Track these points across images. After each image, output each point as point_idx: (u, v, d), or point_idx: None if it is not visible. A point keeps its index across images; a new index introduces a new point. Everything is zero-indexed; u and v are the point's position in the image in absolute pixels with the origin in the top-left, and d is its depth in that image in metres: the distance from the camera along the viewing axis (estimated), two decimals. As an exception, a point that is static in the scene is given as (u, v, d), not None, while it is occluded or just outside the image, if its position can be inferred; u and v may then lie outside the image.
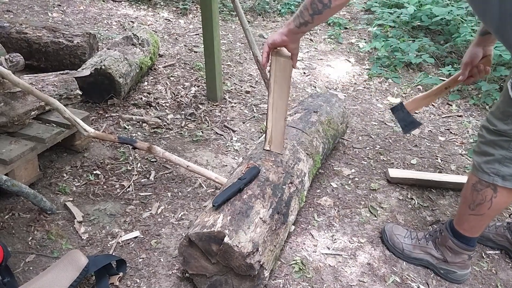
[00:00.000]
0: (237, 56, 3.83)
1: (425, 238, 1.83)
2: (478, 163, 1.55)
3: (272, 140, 1.90)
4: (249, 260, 1.46)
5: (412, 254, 1.83)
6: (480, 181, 1.55)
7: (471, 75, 1.84)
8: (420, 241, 1.83)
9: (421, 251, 1.82)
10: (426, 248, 1.81)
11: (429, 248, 1.80)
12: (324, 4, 1.39)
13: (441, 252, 1.77)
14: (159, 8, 4.79)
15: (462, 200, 1.66)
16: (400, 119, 2.12)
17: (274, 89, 1.75)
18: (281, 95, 1.75)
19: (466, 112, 3.12)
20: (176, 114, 2.84)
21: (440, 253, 1.77)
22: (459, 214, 1.69)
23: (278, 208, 1.70)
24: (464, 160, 2.58)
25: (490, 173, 1.52)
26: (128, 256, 1.77)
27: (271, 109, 1.80)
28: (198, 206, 2.07)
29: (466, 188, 1.63)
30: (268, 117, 1.83)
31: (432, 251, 1.79)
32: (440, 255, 1.77)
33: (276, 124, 1.84)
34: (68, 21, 4.13)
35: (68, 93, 2.37)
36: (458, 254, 1.72)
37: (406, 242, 1.85)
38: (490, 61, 1.80)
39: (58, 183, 2.13)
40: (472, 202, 1.60)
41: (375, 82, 3.51)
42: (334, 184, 2.28)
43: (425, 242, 1.82)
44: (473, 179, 1.59)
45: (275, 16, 4.95)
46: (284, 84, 1.72)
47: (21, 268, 1.68)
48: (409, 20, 4.25)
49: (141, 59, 3.06)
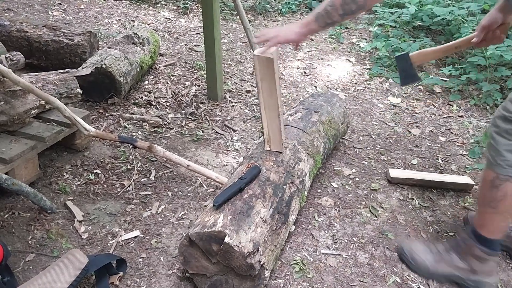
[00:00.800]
0: (238, 55, 3.82)
1: (447, 250, 1.73)
2: (492, 156, 1.49)
3: (271, 139, 1.89)
4: (249, 260, 1.46)
5: (438, 271, 1.72)
6: (498, 176, 1.49)
7: (484, 39, 1.77)
8: (443, 254, 1.73)
9: (446, 265, 1.71)
10: (451, 261, 1.70)
11: (454, 261, 1.70)
12: (359, 5, 1.36)
13: (467, 262, 1.67)
14: (160, 7, 4.79)
15: (481, 200, 1.59)
16: (401, 69, 2.04)
17: (262, 88, 1.73)
18: (271, 93, 1.74)
19: (467, 112, 3.12)
20: (177, 113, 2.83)
21: (466, 264, 1.67)
22: (481, 216, 1.61)
23: (278, 208, 1.69)
24: (464, 160, 2.58)
25: (505, 165, 1.46)
26: (128, 255, 1.77)
27: (263, 108, 1.79)
28: (198, 206, 2.07)
29: (483, 187, 1.57)
30: (262, 117, 1.82)
31: (458, 262, 1.69)
32: (467, 266, 1.67)
33: (271, 123, 1.83)
34: (69, 20, 4.13)
35: (68, 92, 2.36)
36: (485, 261, 1.64)
37: (429, 258, 1.74)
38: (507, 29, 1.74)
39: (58, 182, 2.13)
40: (492, 200, 1.53)
41: (376, 82, 3.50)
42: (335, 184, 2.28)
43: (448, 255, 1.72)
44: (489, 175, 1.52)
45: (276, 15, 4.94)
46: (271, 82, 1.70)
47: (21, 267, 1.68)
48: (410, 20, 4.24)
49: (142, 58, 3.06)
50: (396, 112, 3.08)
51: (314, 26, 1.49)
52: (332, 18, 1.43)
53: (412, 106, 3.17)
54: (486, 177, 1.55)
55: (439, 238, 1.98)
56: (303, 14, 4.98)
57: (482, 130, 2.87)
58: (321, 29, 1.53)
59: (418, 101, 3.24)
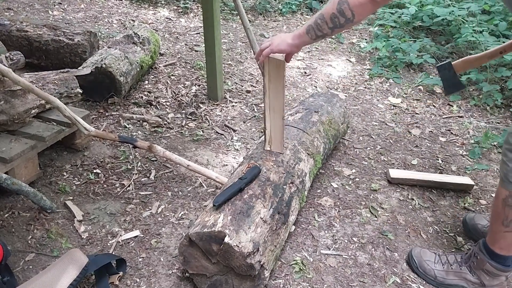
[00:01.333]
0: (238, 55, 3.82)
1: (458, 262, 1.73)
2: (505, 174, 1.47)
3: (272, 140, 1.90)
4: (249, 260, 1.46)
5: (446, 281, 1.72)
6: (511, 194, 1.47)
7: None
8: (453, 266, 1.73)
9: (456, 276, 1.71)
10: (461, 273, 1.70)
11: (464, 273, 1.70)
12: (347, 18, 1.35)
13: (477, 276, 1.67)
14: (160, 6, 4.78)
15: (494, 217, 1.58)
16: (444, 78, 1.99)
17: (269, 89, 1.74)
18: (277, 95, 1.75)
19: (467, 113, 3.12)
20: (177, 113, 2.83)
21: (476, 277, 1.67)
22: (493, 233, 1.61)
23: (278, 208, 1.69)
24: (464, 161, 2.58)
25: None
26: (128, 255, 1.77)
27: (268, 109, 1.80)
28: (198, 206, 2.07)
29: (496, 205, 1.55)
30: (266, 117, 1.83)
31: (468, 275, 1.69)
32: (477, 279, 1.67)
33: (274, 124, 1.84)
34: (69, 19, 4.12)
35: (68, 92, 2.36)
36: (496, 276, 1.64)
37: (438, 268, 1.74)
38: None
39: (58, 181, 2.13)
40: (505, 218, 1.52)
41: (376, 82, 3.50)
42: (335, 184, 2.28)
43: (459, 267, 1.71)
44: (503, 193, 1.51)
45: (276, 15, 4.94)
46: (278, 84, 1.71)
47: (21, 267, 1.68)
48: (410, 20, 4.24)
49: (142, 57, 3.05)
50: (396, 112, 3.08)
51: (306, 38, 1.49)
52: (322, 31, 1.43)
53: (412, 106, 3.17)
54: (499, 195, 1.54)
55: (439, 238, 1.99)
56: (303, 14, 4.98)
57: (482, 130, 2.87)
58: (313, 41, 1.52)
59: (418, 101, 3.24)
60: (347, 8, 1.32)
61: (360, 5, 1.30)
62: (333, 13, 1.36)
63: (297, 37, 1.51)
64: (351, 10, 1.31)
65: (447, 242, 1.97)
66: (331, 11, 1.36)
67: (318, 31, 1.43)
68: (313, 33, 1.45)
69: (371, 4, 1.28)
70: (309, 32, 1.46)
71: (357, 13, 1.32)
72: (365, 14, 1.34)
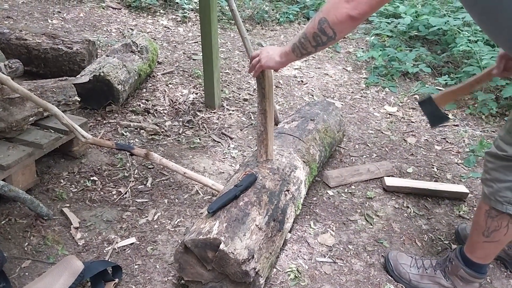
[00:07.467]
0: (235, 64, 3.85)
1: (433, 267, 1.75)
2: (490, 192, 1.50)
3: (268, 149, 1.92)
4: (244, 267, 1.46)
5: (420, 285, 1.74)
6: (495, 208, 1.50)
7: (505, 69, 1.70)
8: (428, 270, 1.75)
9: (429, 281, 1.73)
10: (435, 278, 1.72)
11: (437, 278, 1.72)
12: (329, 36, 1.36)
13: (451, 281, 1.69)
14: (159, 15, 4.83)
15: (474, 227, 1.59)
16: (428, 113, 2.01)
17: (269, 98, 1.80)
18: (270, 104, 1.82)
19: (462, 121, 3.14)
20: (174, 121, 2.85)
21: (450, 283, 1.70)
22: (472, 242, 1.63)
23: (274, 215, 1.70)
24: (460, 169, 2.60)
25: (503, 202, 1.46)
26: (124, 262, 1.77)
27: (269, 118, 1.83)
28: (194, 213, 2.08)
29: (478, 215, 1.57)
30: (266, 128, 1.85)
31: (442, 280, 1.71)
32: (450, 285, 1.70)
33: (271, 133, 1.88)
34: (68, 28, 4.16)
35: (66, 99, 2.38)
36: (469, 283, 1.66)
37: (413, 271, 1.76)
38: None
39: (55, 189, 2.14)
40: (486, 229, 1.54)
41: (372, 91, 3.53)
42: (331, 192, 2.29)
43: (433, 271, 1.74)
44: (485, 206, 1.53)
45: (274, 24, 4.98)
46: (271, 94, 1.80)
47: (17, 273, 1.68)
48: (406, 30, 4.29)
49: (140, 66, 3.08)
50: (392, 121, 3.10)
51: (292, 56, 1.53)
52: (307, 49, 1.46)
53: (408, 115, 3.20)
54: (481, 207, 1.56)
55: (433, 246, 2.00)
56: (300, 24, 5.02)
57: (478, 139, 2.89)
58: (299, 59, 1.57)
59: (414, 110, 3.26)
60: (327, 26, 1.34)
61: (340, 23, 1.31)
62: (315, 32, 1.38)
63: (284, 55, 1.56)
64: (332, 29, 1.34)
65: (441, 249, 1.98)
66: (313, 30, 1.38)
67: (302, 49, 1.47)
68: (298, 52, 1.49)
69: (350, 21, 1.30)
70: (295, 51, 1.50)
71: (338, 31, 1.34)
72: (346, 31, 1.36)
